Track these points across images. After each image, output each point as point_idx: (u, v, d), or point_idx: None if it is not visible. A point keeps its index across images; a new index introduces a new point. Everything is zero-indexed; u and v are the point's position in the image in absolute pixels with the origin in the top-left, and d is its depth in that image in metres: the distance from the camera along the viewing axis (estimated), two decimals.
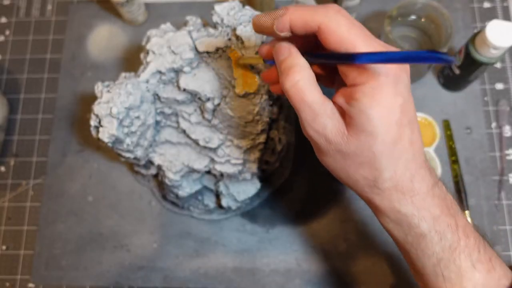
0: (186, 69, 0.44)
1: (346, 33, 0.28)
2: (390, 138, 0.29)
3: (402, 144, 0.30)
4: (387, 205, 0.31)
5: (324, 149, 0.31)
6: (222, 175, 0.51)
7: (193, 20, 0.47)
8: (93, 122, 0.43)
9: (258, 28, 0.32)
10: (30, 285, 0.57)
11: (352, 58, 0.28)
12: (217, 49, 0.43)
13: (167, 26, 0.47)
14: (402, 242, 0.32)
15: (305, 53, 0.31)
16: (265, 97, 0.42)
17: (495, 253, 0.32)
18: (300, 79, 0.30)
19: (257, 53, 0.42)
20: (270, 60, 0.34)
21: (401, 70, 0.29)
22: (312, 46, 0.33)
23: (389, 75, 0.28)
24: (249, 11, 0.44)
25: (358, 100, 0.29)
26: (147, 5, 0.68)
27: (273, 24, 0.30)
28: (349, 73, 0.29)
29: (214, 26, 0.45)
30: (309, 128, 0.30)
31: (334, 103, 0.30)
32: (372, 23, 0.64)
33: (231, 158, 0.48)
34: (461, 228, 0.31)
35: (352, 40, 0.28)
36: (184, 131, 0.48)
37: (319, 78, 0.32)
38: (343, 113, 0.30)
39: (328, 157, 0.32)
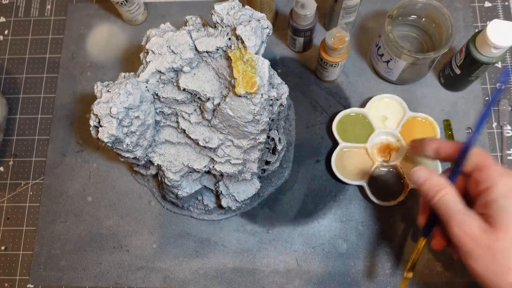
0: (186, 68, 0.44)
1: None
2: None
3: None
4: None
5: (472, 250, 0.33)
6: (222, 175, 0.51)
7: (193, 20, 0.47)
8: (92, 122, 0.43)
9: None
10: (29, 285, 0.57)
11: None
12: (217, 49, 0.43)
13: (166, 25, 0.47)
14: None
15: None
16: (265, 97, 0.42)
17: None
18: (446, 193, 0.35)
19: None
20: (427, 233, 0.40)
21: None
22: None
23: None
24: (248, 11, 0.43)
25: (495, 200, 0.33)
26: (146, 5, 0.67)
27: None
28: (481, 178, 0.35)
29: (214, 25, 0.44)
30: (459, 230, 0.34)
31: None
32: (372, 23, 0.64)
33: (231, 158, 0.48)
34: None
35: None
36: (184, 131, 0.48)
37: None
38: (485, 220, 0.33)
39: (476, 260, 0.33)
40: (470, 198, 0.37)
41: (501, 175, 0.34)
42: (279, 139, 0.53)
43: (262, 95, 0.42)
